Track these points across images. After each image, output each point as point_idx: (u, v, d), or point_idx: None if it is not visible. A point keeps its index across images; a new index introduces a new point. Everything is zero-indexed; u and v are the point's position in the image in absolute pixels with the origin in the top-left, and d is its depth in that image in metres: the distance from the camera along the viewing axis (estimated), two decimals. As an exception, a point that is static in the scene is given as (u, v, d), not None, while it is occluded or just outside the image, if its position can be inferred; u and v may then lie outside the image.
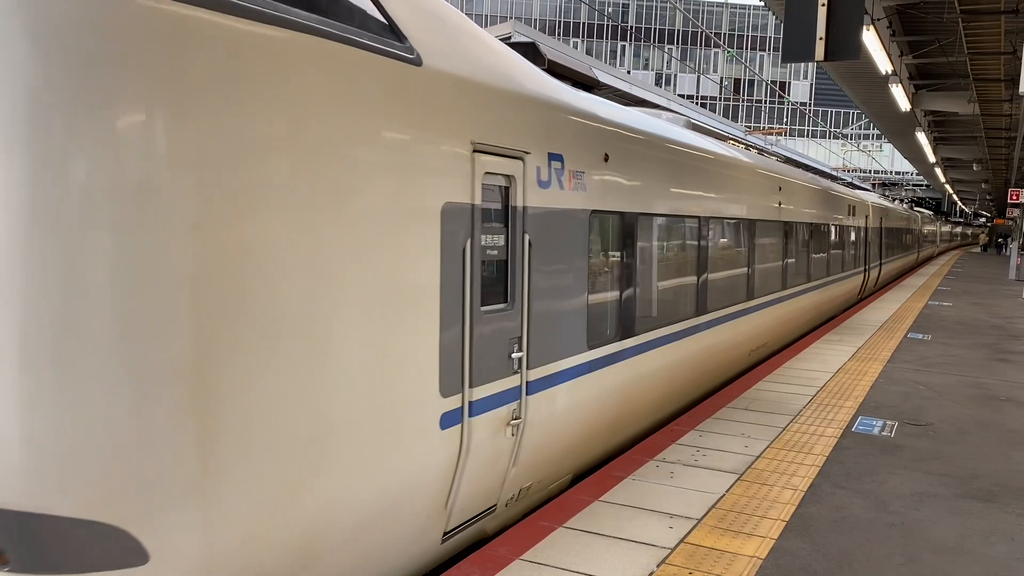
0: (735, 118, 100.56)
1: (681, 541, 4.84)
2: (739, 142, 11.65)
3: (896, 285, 25.57)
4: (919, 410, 8.41)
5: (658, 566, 4.49)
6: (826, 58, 7.39)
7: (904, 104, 20.88)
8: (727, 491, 5.72)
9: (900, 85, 18.94)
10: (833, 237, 15.86)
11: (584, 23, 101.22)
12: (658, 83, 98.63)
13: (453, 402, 4.44)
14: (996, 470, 6.49)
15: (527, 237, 5.08)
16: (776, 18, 17.98)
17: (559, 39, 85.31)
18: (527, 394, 5.15)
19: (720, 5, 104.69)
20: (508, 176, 4.89)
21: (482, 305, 4.69)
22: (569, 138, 5.60)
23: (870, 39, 13.91)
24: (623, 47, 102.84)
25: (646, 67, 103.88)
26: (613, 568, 4.44)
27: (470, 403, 4.59)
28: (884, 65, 15.95)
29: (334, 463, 3.65)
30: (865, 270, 20.22)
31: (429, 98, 4.14)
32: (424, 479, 4.27)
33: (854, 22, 7.23)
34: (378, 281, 3.83)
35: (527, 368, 5.15)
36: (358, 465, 3.80)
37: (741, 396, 8.67)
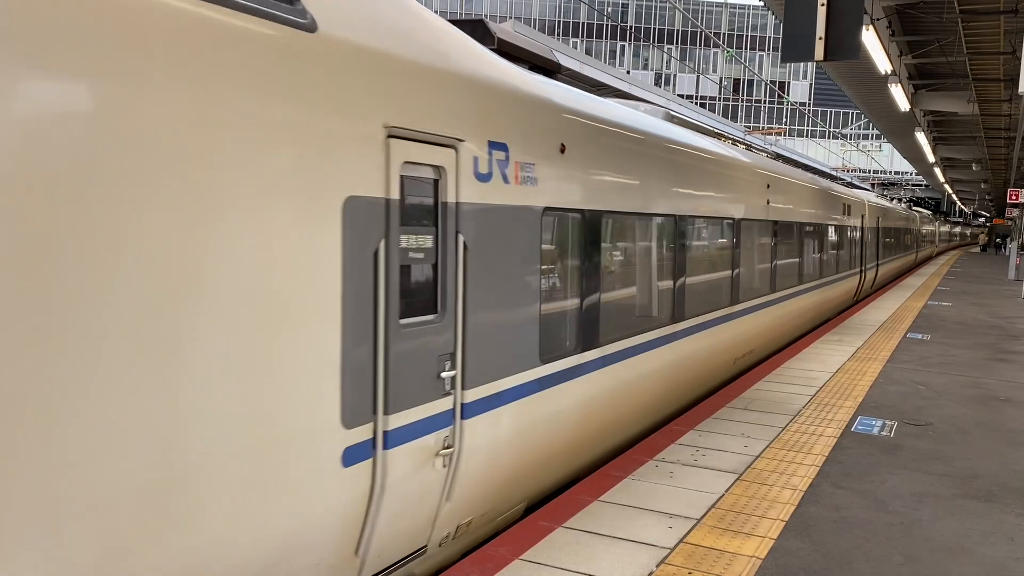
0: (734, 118, 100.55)
1: (680, 541, 4.84)
2: (727, 137, 11.24)
3: (895, 285, 25.57)
4: (918, 410, 8.42)
5: (657, 566, 4.49)
6: (825, 58, 7.39)
7: (903, 104, 20.89)
8: (726, 491, 5.72)
9: (899, 85, 18.95)
10: (826, 237, 15.33)
11: (584, 23, 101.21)
12: (657, 83, 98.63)
13: (361, 433, 3.82)
14: (995, 470, 6.49)
15: (461, 238, 4.45)
16: (776, 18, 17.99)
17: (559, 39, 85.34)
18: (462, 418, 4.52)
19: (720, 5, 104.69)
20: (437, 167, 4.26)
21: (402, 317, 4.04)
22: (516, 125, 4.95)
23: (869, 39, 13.92)
24: (622, 47, 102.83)
25: (646, 67, 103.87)
26: (612, 568, 4.44)
27: (385, 433, 3.96)
28: (883, 65, 15.96)
29: (194, 513, 3.02)
30: (861, 271, 19.92)
31: (324, 71, 3.50)
32: (323, 524, 3.67)
33: (853, 22, 7.23)
34: (251, 290, 3.18)
35: (462, 388, 4.52)
36: (228, 514, 3.16)
37: (740, 396, 8.67)
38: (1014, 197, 35.24)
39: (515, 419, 5.05)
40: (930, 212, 54.10)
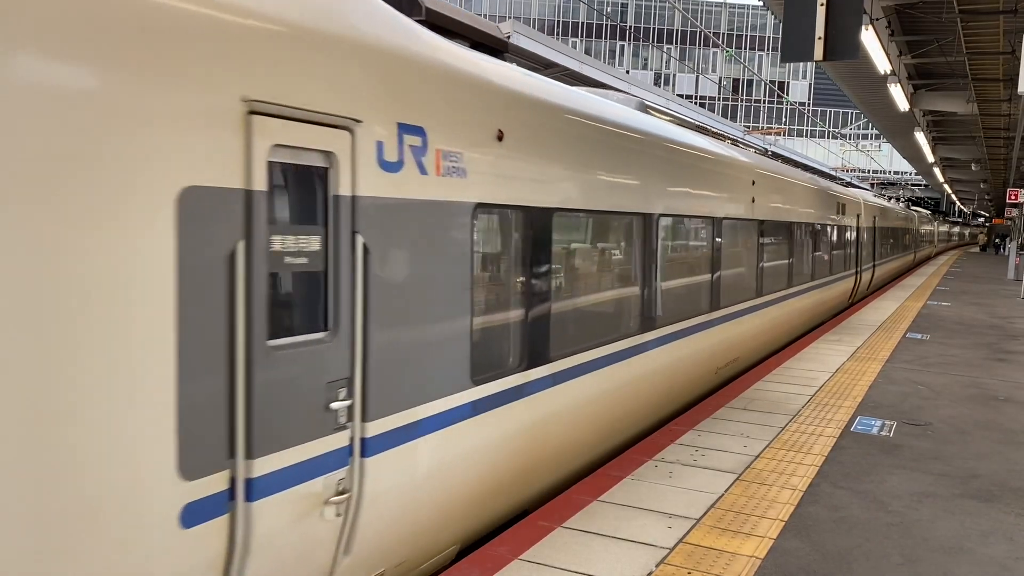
0: (734, 118, 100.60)
1: (680, 541, 4.84)
2: (713, 132, 10.58)
3: (894, 286, 25.57)
4: (918, 410, 8.42)
5: (657, 566, 4.49)
6: (825, 58, 7.39)
7: (903, 104, 20.89)
8: (726, 491, 5.72)
9: (899, 85, 18.95)
10: (819, 238, 14.67)
11: (583, 23, 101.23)
12: (657, 83, 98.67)
13: (210, 484, 3.09)
14: (995, 470, 6.49)
15: (361, 239, 3.74)
16: (775, 18, 17.99)
17: (558, 39, 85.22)
18: (364, 455, 3.82)
19: (719, 5, 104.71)
20: (325, 153, 3.55)
21: (272, 337, 3.32)
22: (436, 106, 4.23)
23: (869, 39, 13.92)
24: (622, 47, 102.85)
25: (645, 67, 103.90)
26: (612, 568, 4.44)
27: (248, 481, 3.23)
28: (883, 65, 15.96)
29: None
30: (857, 273, 19.49)
31: (140, 23, 2.76)
32: None
33: (853, 22, 7.23)
34: (23, 309, 2.47)
35: (363, 420, 3.81)
36: None
37: (740, 396, 8.67)
38: (1013, 197, 35.27)
39: (440, 451, 4.37)
40: (928, 212, 54.11)
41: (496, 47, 5.46)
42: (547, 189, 5.38)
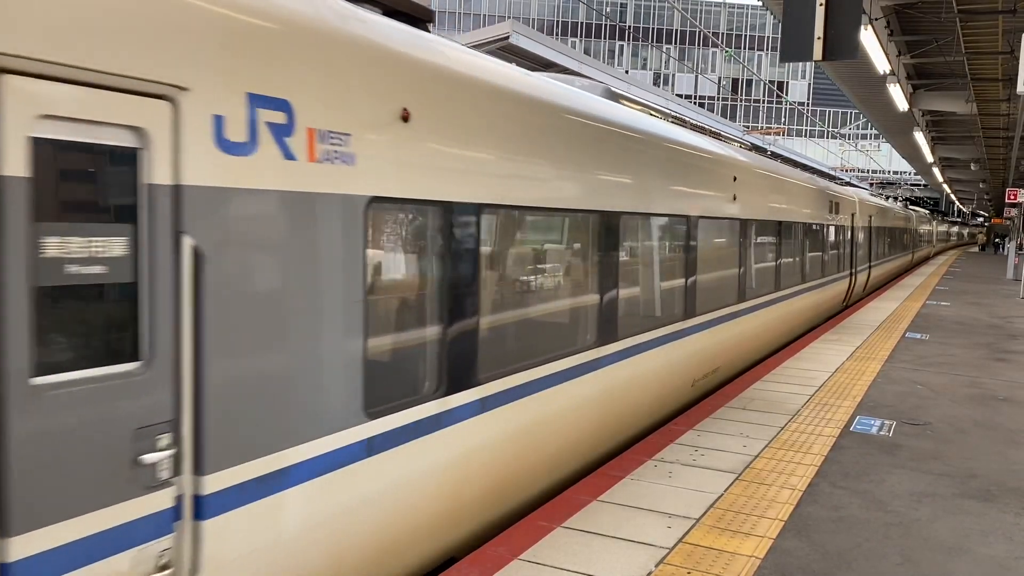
0: (733, 118, 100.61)
1: (679, 541, 4.84)
2: (693, 125, 9.80)
3: (892, 286, 25.57)
4: (917, 409, 8.42)
5: (656, 566, 4.49)
6: (824, 58, 7.39)
7: (902, 104, 20.90)
8: (725, 491, 5.72)
9: (898, 85, 18.96)
10: (809, 238, 13.85)
11: (582, 23, 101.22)
12: (656, 83, 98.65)
13: None
14: (994, 469, 6.49)
15: (190, 241, 2.98)
16: (774, 18, 17.99)
17: (557, 39, 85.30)
18: (200, 517, 3.08)
19: (718, 5, 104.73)
20: (130, 129, 2.79)
21: (40, 373, 2.58)
22: (311, 75, 3.46)
23: (868, 39, 13.92)
24: (621, 47, 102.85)
25: (644, 67, 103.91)
26: (611, 568, 4.44)
27: (4, 568, 2.57)
28: (882, 65, 15.96)
29: None
30: (852, 274, 18.90)
31: None
32: None
33: (852, 22, 7.23)
34: None
35: (199, 472, 3.06)
36: None
37: (739, 396, 8.67)
38: (1012, 197, 35.25)
39: (318, 503, 3.61)
40: (927, 211, 54.11)
41: (417, 16, 4.64)
42: (471, 181, 4.56)
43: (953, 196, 77.03)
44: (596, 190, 6.09)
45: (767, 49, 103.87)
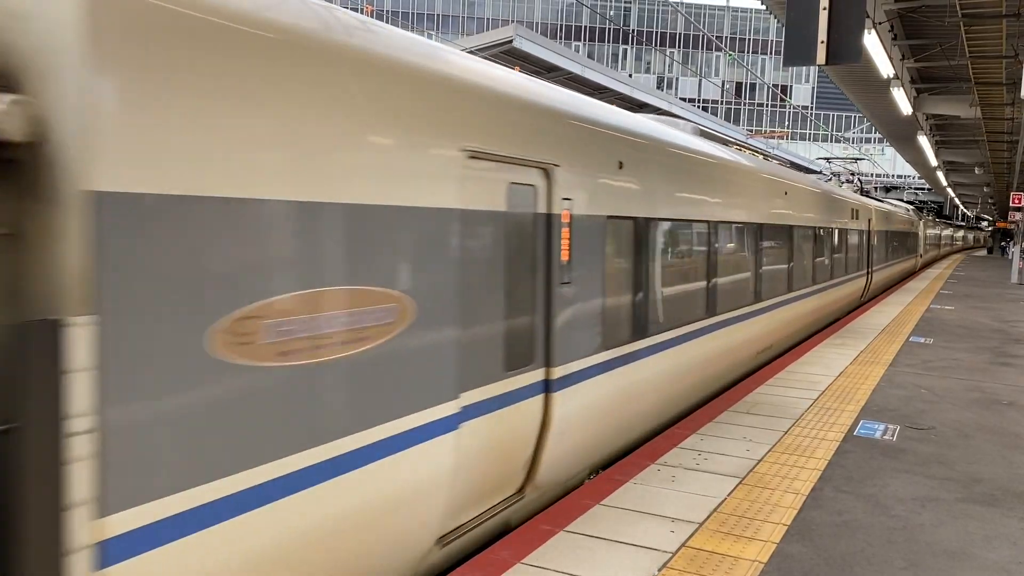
0: (737, 121, 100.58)
1: (682, 545, 4.83)
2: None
3: (896, 290, 25.52)
4: (921, 414, 8.40)
5: (659, 570, 4.49)
6: (827, 62, 7.39)
7: (906, 108, 20.88)
8: (728, 495, 5.71)
9: (901, 89, 18.93)
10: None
11: (586, 26, 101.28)
12: (659, 86, 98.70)
13: None
14: (998, 474, 6.48)
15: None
16: (778, 22, 18.00)
17: (561, 43, 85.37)
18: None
19: (722, 8, 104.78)
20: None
21: None
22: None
23: (871, 43, 13.91)
24: (625, 50, 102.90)
25: (648, 70, 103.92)
26: (614, 572, 4.44)
27: None
28: (885, 69, 15.95)
29: None
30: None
31: None
32: None
33: (855, 26, 7.23)
34: None
35: None
36: None
37: (743, 400, 8.66)
38: (1017, 201, 35.20)
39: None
40: (932, 215, 53.99)
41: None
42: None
43: (957, 200, 76.91)
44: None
45: (771, 53, 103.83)
